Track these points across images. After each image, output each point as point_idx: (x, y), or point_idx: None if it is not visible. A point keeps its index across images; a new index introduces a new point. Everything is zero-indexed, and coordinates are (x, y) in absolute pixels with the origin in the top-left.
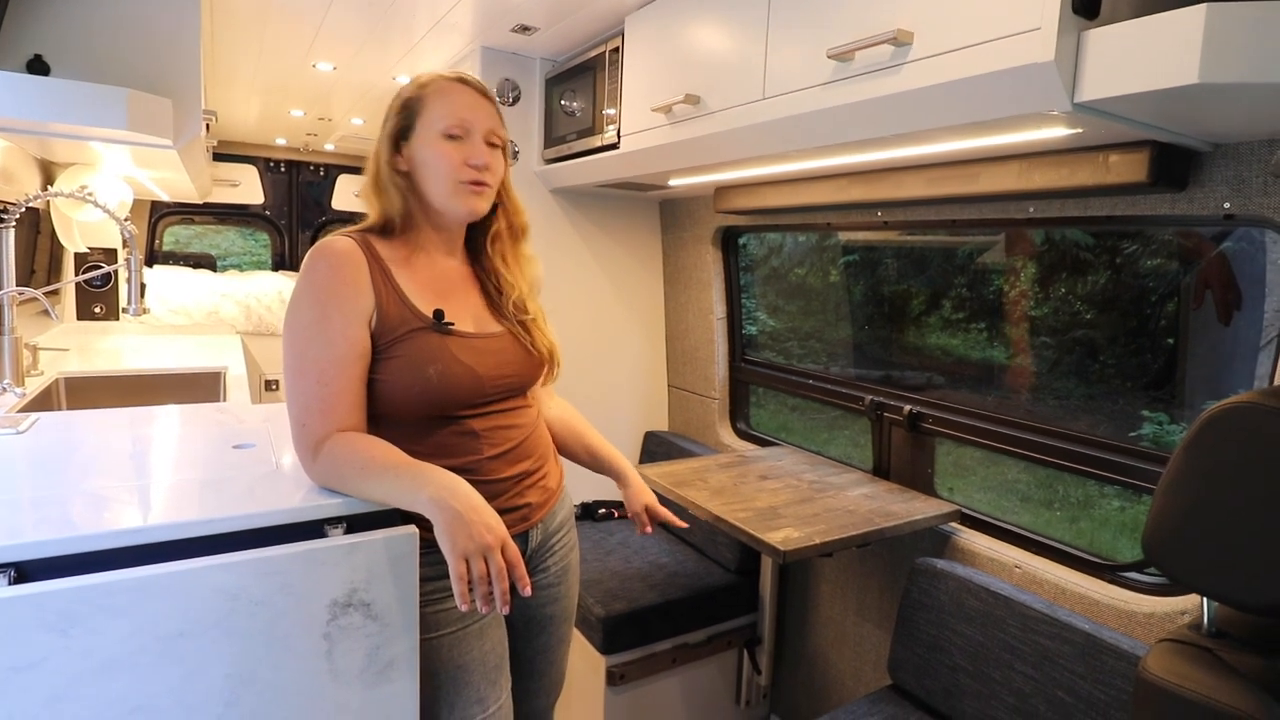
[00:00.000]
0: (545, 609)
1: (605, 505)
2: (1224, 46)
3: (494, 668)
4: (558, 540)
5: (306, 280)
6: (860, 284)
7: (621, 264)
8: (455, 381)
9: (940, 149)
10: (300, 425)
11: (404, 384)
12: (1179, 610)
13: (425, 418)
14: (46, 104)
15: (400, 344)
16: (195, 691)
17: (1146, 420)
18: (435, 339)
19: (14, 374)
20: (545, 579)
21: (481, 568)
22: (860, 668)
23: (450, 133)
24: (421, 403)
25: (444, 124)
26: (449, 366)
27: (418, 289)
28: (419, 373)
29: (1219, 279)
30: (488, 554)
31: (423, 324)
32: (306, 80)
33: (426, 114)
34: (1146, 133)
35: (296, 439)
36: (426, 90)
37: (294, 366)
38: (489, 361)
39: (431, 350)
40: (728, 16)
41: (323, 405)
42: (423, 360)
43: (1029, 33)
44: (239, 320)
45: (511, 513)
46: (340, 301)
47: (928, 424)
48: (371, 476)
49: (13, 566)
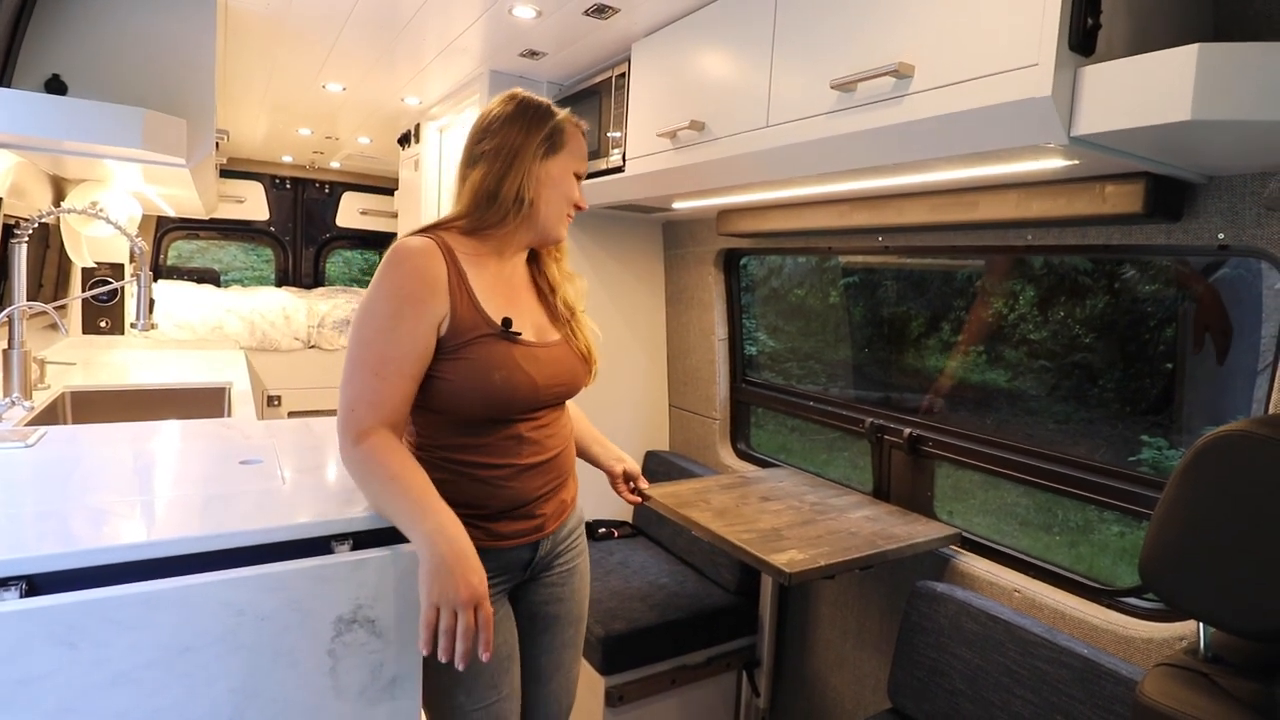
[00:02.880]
0: (548, 607)
1: (605, 525)
2: (1216, 84)
3: (506, 657)
4: (565, 545)
5: (387, 277)
6: (860, 306)
7: (624, 284)
8: (516, 388)
9: (940, 177)
10: (350, 410)
11: (469, 386)
12: (1177, 636)
13: (481, 418)
14: (64, 123)
15: (469, 347)
16: (200, 705)
17: (1145, 445)
18: (503, 346)
19: (22, 387)
20: (550, 578)
21: (450, 621)
22: (860, 691)
23: (578, 173)
24: (481, 404)
25: (578, 165)
26: (512, 374)
27: (487, 291)
28: (484, 377)
29: (1213, 315)
30: (460, 609)
31: (492, 330)
32: (316, 100)
33: (569, 149)
34: (1142, 165)
35: (343, 422)
36: (568, 127)
37: (356, 355)
38: (547, 371)
39: (499, 357)
40: (733, 45)
41: (375, 397)
42: (489, 366)
43: (1027, 68)
44: (243, 336)
45: (528, 521)
46: (415, 304)
47: (928, 447)
48: (389, 491)
49: (24, 580)
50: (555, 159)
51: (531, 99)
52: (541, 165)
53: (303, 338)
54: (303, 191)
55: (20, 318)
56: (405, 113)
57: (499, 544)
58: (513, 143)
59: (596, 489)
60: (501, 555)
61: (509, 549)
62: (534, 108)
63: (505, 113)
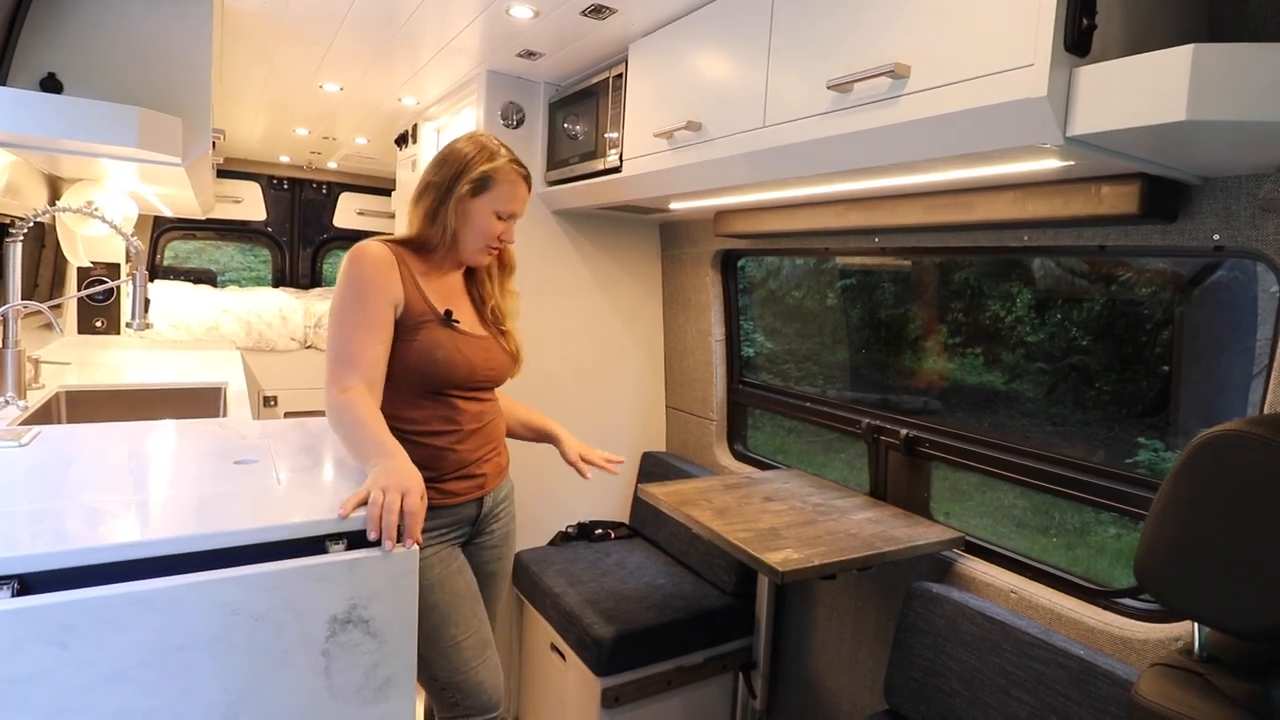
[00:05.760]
0: (489, 565)
1: (602, 525)
2: (1211, 85)
3: (475, 598)
4: (502, 509)
5: (353, 268)
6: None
7: (621, 285)
8: (454, 366)
9: (937, 178)
10: (332, 372)
11: (416, 363)
12: (1173, 637)
13: (428, 391)
14: (59, 121)
15: (418, 330)
16: (194, 705)
17: (1142, 448)
18: (444, 332)
19: (17, 387)
20: (490, 540)
21: (393, 499)
22: (856, 692)
23: (500, 214)
24: (427, 379)
25: (501, 206)
26: (451, 355)
27: (432, 293)
28: (429, 355)
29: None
30: (389, 490)
31: (436, 318)
32: (313, 100)
33: (494, 191)
34: (1137, 166)
35: (328, 378)
36: (500, 174)
37: (333, 330)
38: (479, 356)
39: (440, 340)
40: (729, 46)
41: (350, 358)
42: (433, 346)
43: (1023, 69)
44: (239, 336)
45: (471, 480)
46: (376, 288)
47: (924, 448)
48: (356, 433)
49: (16, 579)
50: (478, 200)
51: (486, 141)
52: (464, 204)
53: (299, 338)
54: (300, 192)
55: (15, 317)
56: (402, 113)
57: (450, 501)
58: (447, 181)
59: (596, 489)
60: (454, 511)
61: (459, 505)
62: (479, 150)
63: (456, 150)
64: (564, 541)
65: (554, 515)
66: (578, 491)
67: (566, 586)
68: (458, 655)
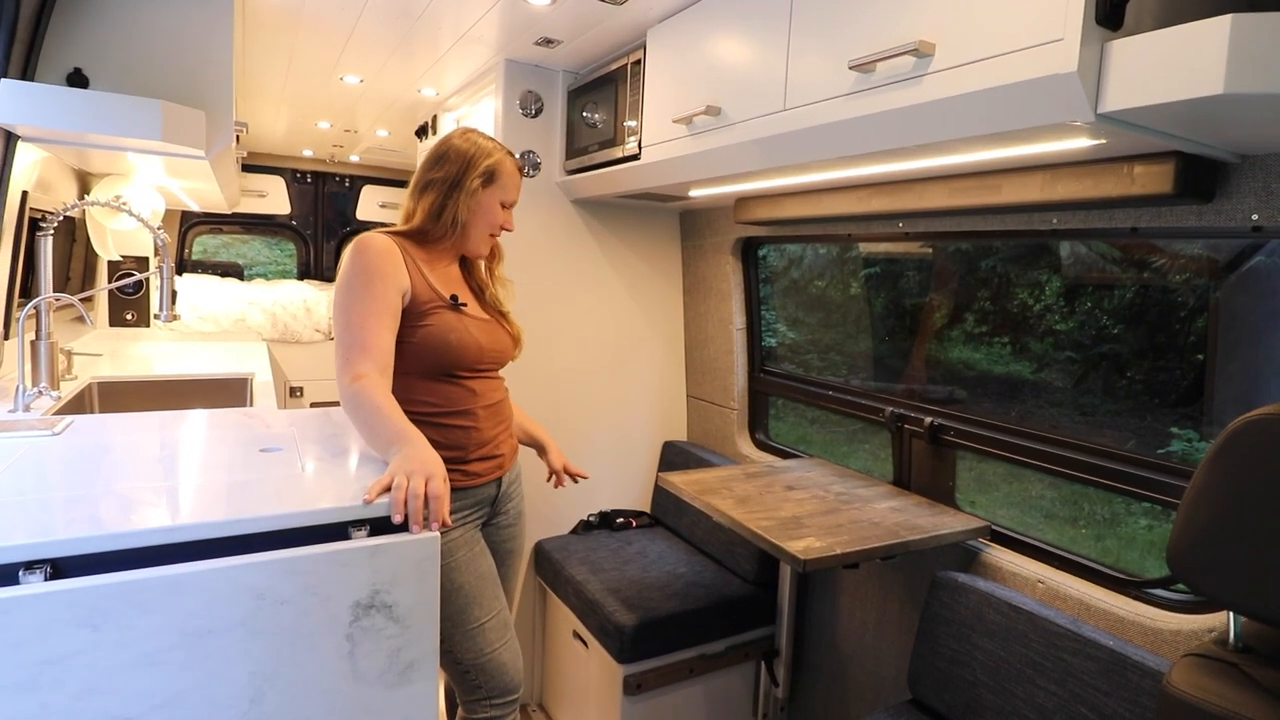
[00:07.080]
0: (506, 544)
1: (624, 514)
2: (1250, 56)
3: (495, 580)
4: (515, 490)
5: (357, 258)
6: (881, 297)
7: (641, 274)
8: (466, 348)
9: (962, 160)
10: (344, 359)
11: (430, 346)
12: (1207, 628)
13: (440, 374)
14: (85, 115)
15: (429, 315)
16: (221, 688)
17: (1175, 438)
18: (454, 315)
19: (50, 378)
20: (506, 519)
21: (418, 486)
22: (879, 681)
23: (505, 203)
24: (441, 361)
25: (505, 196)
26: (463, 336)
27: (435, 280)
28: (443, 339)
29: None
30: (413, 476)
31: (445, 303)
32: (334, 92)
33: (500, 182)
34: (1171, 144)
35: (340, 366)
36: (503, 165)
37: (342, 319)
38: (487, 337)
39: (451, 323)
40: (749, 28)
41: (362, 345)
42: (446, 329)
43: (1052, 44)
44: (265, 328)
45: (492, 460)
46: (383, 276)
47: (949, 436)
48: (374, 419)
49: (49, 563)
50: (488, 191)
51: (479, 138)
52: (475, 196)
53: (324, 330)
54: (323, 185)
55: (47, 309)
56: (422, 104)
57: (474, 482)
58: (454, 177)
59: (614, 480)
60: (476, 492)
61: (481, 485)
62: (478, 146)
63: (456, 147)
64: (586, 530)
65: (576, 504)
66: (599, 481)
67: (588, 575)
68: (482, 637)
